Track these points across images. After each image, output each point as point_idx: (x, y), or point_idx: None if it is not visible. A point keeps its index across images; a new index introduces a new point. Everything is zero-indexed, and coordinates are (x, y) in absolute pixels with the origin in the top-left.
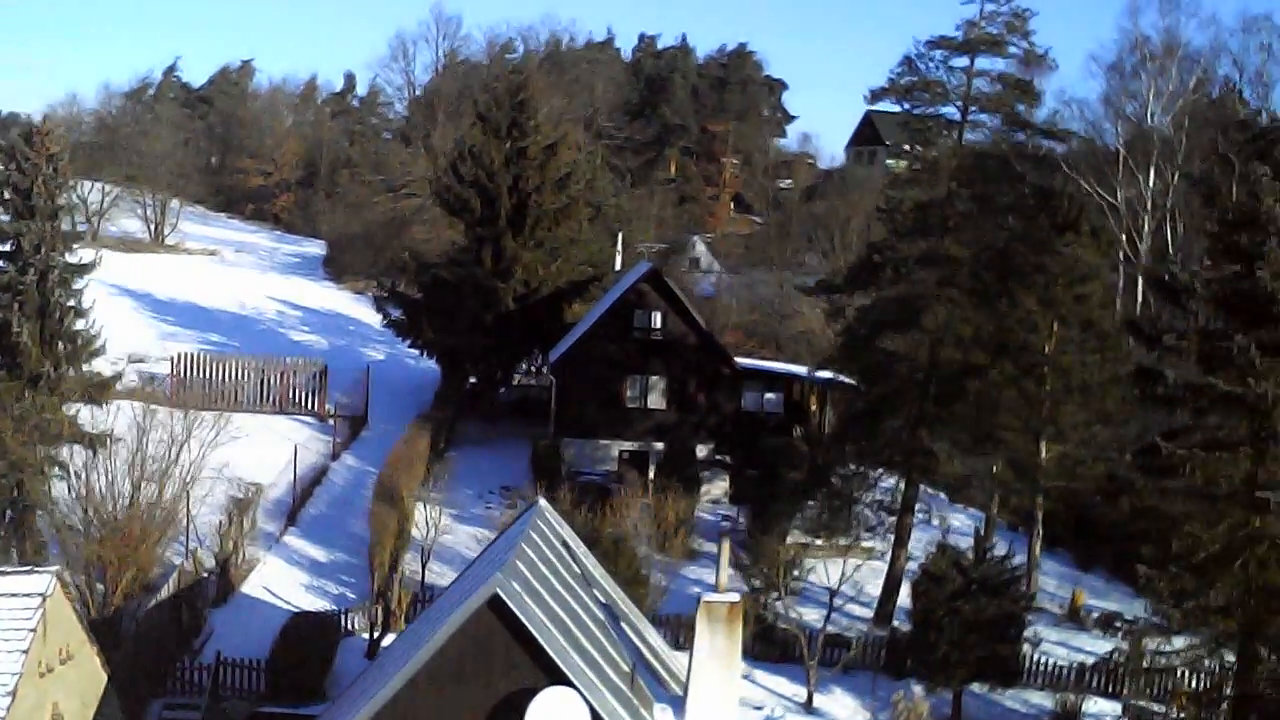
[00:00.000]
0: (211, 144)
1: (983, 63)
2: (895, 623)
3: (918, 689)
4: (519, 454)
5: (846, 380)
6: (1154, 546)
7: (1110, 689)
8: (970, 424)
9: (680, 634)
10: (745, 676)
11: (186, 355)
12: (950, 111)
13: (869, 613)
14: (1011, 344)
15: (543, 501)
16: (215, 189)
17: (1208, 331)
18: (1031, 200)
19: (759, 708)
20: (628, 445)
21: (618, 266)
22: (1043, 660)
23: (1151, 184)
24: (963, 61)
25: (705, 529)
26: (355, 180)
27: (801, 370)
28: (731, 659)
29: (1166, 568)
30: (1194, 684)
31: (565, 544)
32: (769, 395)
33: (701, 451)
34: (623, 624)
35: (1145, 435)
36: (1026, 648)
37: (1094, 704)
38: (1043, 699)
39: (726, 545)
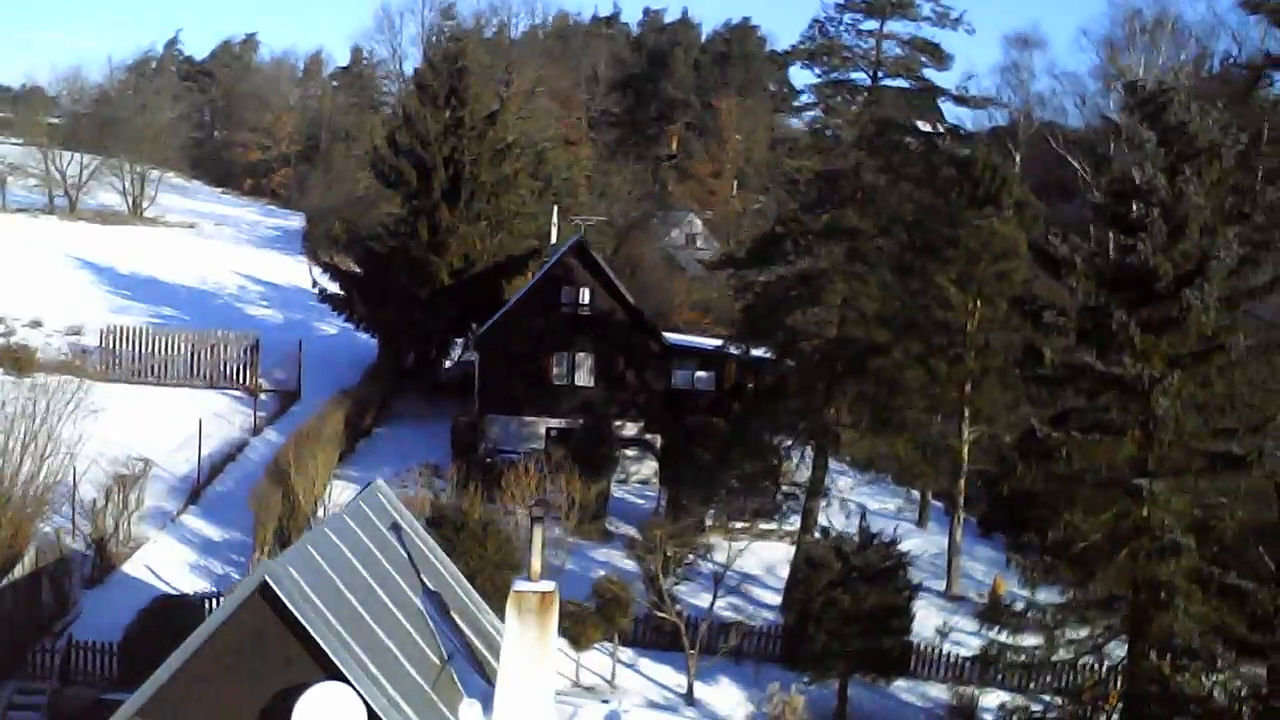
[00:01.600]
0: (214, 118)
1: (894, 26)
2: None
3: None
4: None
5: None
6: (1035, 535)
7: (1021, 683)
8: (872, 404)
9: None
10: (630, 665)
11: (117, 328)
12: (861, 78)
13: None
14: (920, 322)
15: (379, 481)
16: (213, 163)
17: (1089, 308)
18: (945, 171)
19: (642, 708)
20: (555, 423)
21: (553, 240)
22: (950, 652)
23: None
24: (872, 25)
25: (629, 511)
26: (349, 155)
27: None
28: (543, 651)
29: (1043, 558)
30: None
31: (396, 526)
32: (700, 373)
33: (631, 430)
34: (452, 613)
35: None
36: (935, 638)
37: (994, 697)
38: (941, 692)
39: (539, 530)
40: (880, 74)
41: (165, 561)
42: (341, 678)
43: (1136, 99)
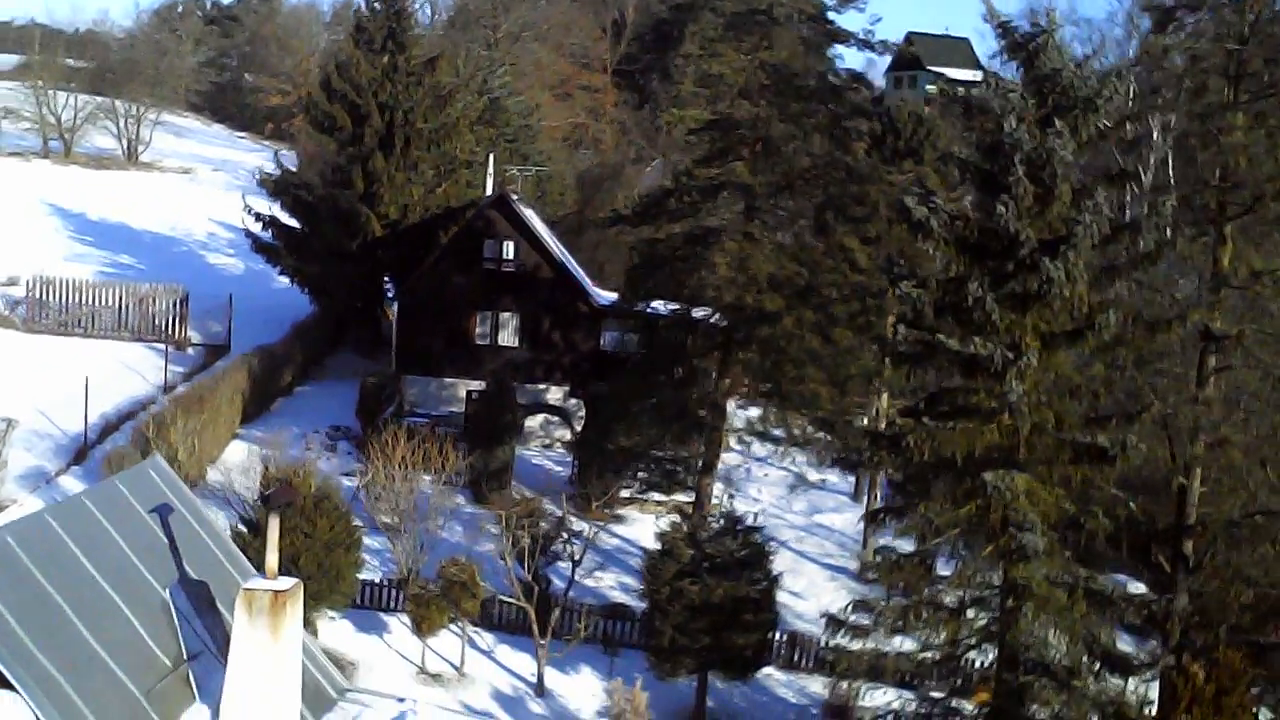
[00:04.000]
0: (239, 62)
1: None
2: None
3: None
4: None
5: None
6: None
7: (909, 680)
8: (760, 375)
9: None
10: (487, 652)
11: (42, 279)
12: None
13: None
14: (820, 288)
15: (156, 457)
16: (237, 107)
17: (949, 279)
18: (854, 123)
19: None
20: (477, 385)
21: (488, 191)
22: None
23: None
24: None
25: (545, 479)
26: None
27: None
28: (277, 655)
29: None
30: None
31: (165, 508)
32: (630, 335)
33: (557, 394)
34: (219, 606)
35: None
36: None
37: (882, 695)
38: (821, 688)
39: (275, 522)
40: (774, 13)
41: None
42: (5, 684)
43: (1009, 42)
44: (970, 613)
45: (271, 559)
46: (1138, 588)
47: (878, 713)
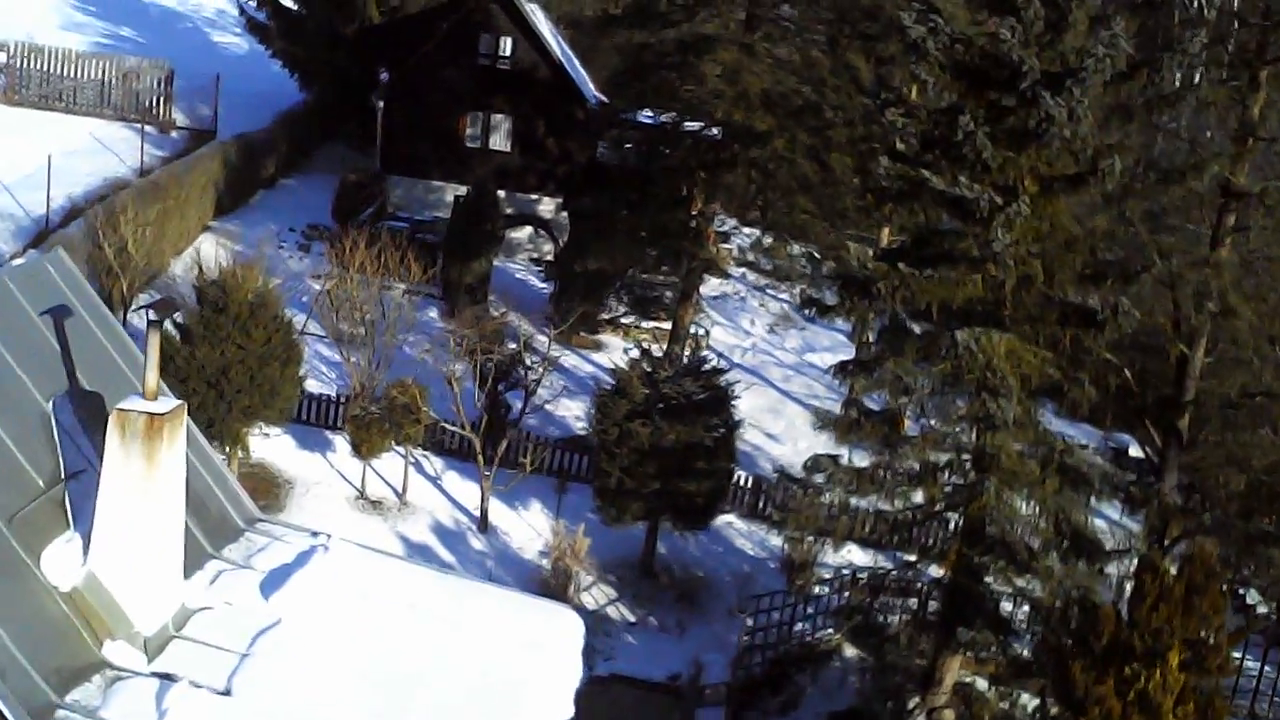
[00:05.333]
0: None
1: None
2: None
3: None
4: None
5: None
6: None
7: (880, 540)
8: (748, 201)
9: None
10: (434, 478)
11: (26, 47)
12: None
13: None
14: (819, 107)
15: (59, 251)
16: None
17: (940, 109)
18: None
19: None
20: (465, 190)
21: None
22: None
23: None
24: None
25: (526, 296)
26: None
27: None
28: (152, 484)
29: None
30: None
31: (62, 309)
32: (628, 146)
33: (548, 206)
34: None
35: None
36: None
37: (847, 553)
38: (780, 541)
39: (155, 337)
40: None
41: None
42: None
43: None
44: (938, 478)
45: (151, 378)
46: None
47: (838, 570)
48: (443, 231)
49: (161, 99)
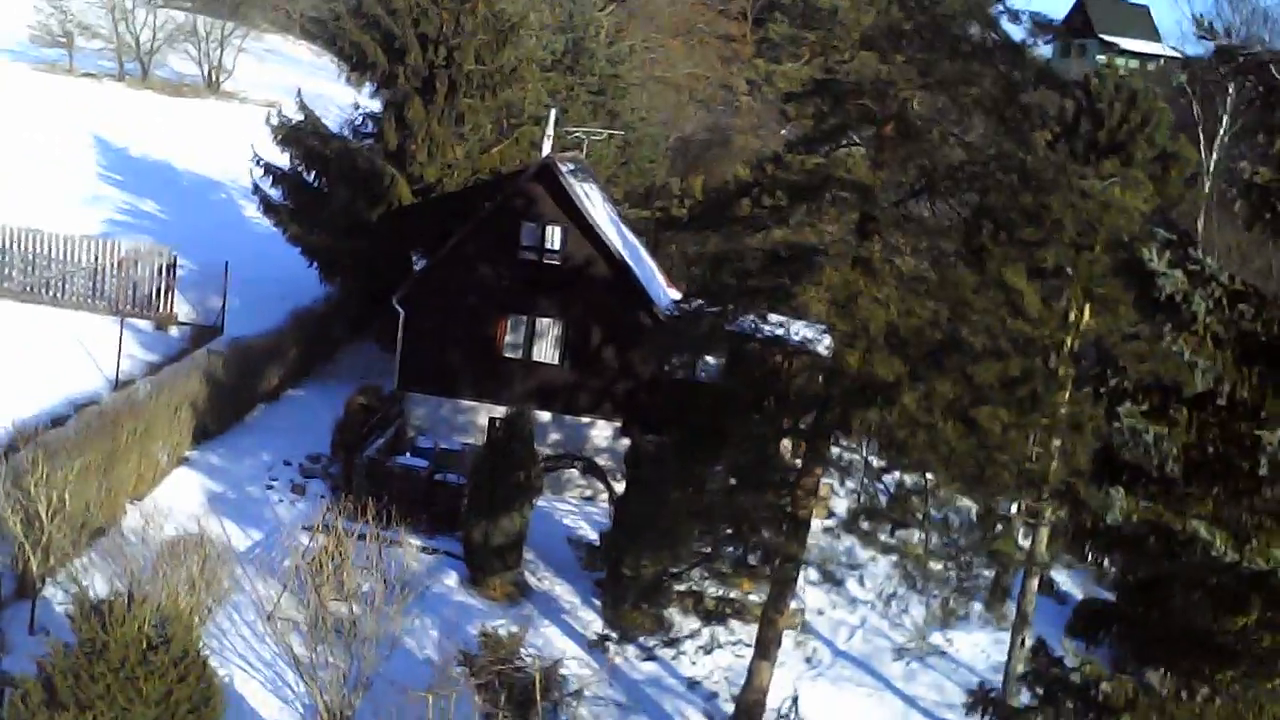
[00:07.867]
0: None
1: None
2: None
3: None
4: None
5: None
6: None
7: None
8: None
9: None
10: None
11: (11, 232)
12: None
13: None
14: (965, 344)
15: None
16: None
17: (1215, 409)
18: (1029, 97)
19: None
20: (502, 412)
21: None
22: None
23: None
24: None
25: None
26: None
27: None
28: None
29: None
30: None
31: None
32: (709, 360)
33: (605, 432)
34: None
35: None
36: None
37: None
38: None
39: None
40: None
41: None
42: None
43: None
44: None
45: None
46: None
47: None
48: (470, 463)
49: (162, 289)
